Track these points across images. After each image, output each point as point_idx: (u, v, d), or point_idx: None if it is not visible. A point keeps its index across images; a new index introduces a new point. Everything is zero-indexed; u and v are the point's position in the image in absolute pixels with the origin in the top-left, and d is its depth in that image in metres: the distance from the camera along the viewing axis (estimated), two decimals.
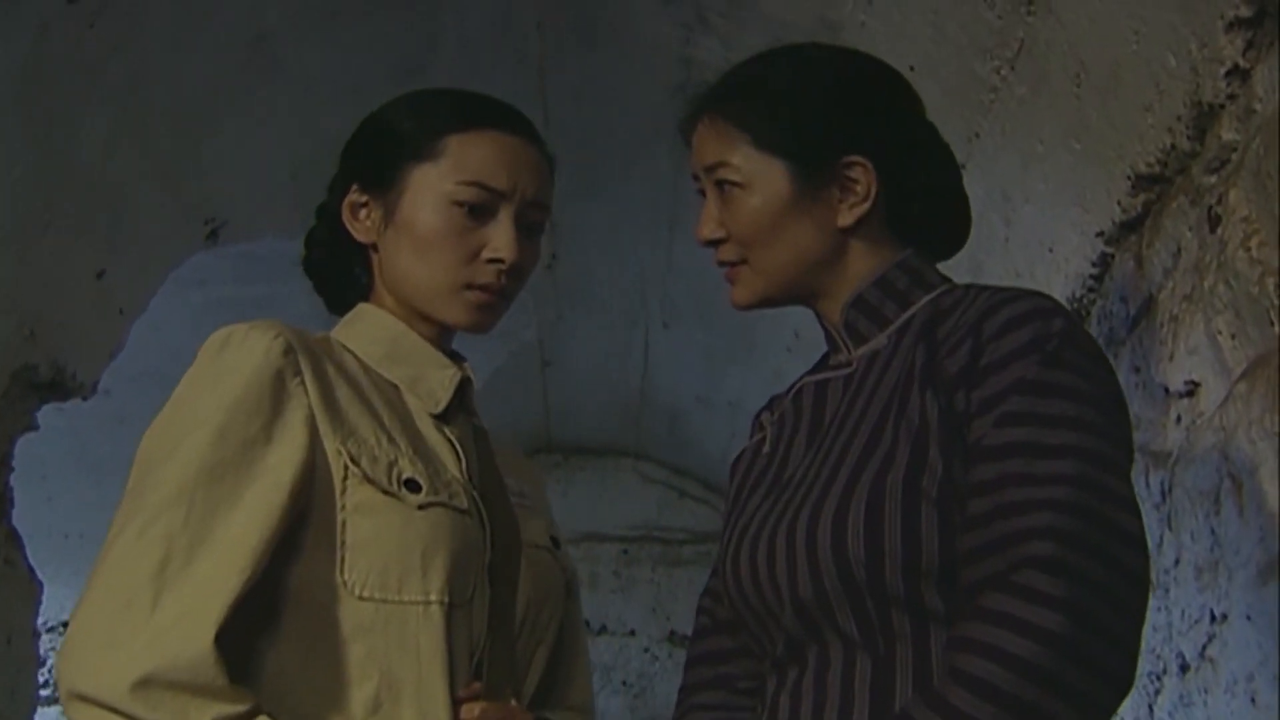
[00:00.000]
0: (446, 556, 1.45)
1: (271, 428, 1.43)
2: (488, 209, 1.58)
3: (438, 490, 1.48)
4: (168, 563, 1.36)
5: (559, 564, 1.65)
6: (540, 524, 1.66)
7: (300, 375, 1.47)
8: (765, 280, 1.58)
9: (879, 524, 1.41)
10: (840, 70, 1.60)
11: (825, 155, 1.55)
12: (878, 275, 1.57)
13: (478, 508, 1.53)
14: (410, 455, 1.50)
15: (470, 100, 1.65)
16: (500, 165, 1.59)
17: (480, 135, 1.60)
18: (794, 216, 1.55)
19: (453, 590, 1.46)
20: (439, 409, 1.59)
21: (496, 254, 1.57)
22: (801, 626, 1.47)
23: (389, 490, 1.45)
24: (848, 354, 1.58)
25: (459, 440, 1.57)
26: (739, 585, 1.53)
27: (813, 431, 1.57)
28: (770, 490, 1.56)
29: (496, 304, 1.60)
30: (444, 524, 1.47)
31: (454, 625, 1.45)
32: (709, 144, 1.59)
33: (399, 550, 1.44)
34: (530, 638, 1.58)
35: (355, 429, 1.48)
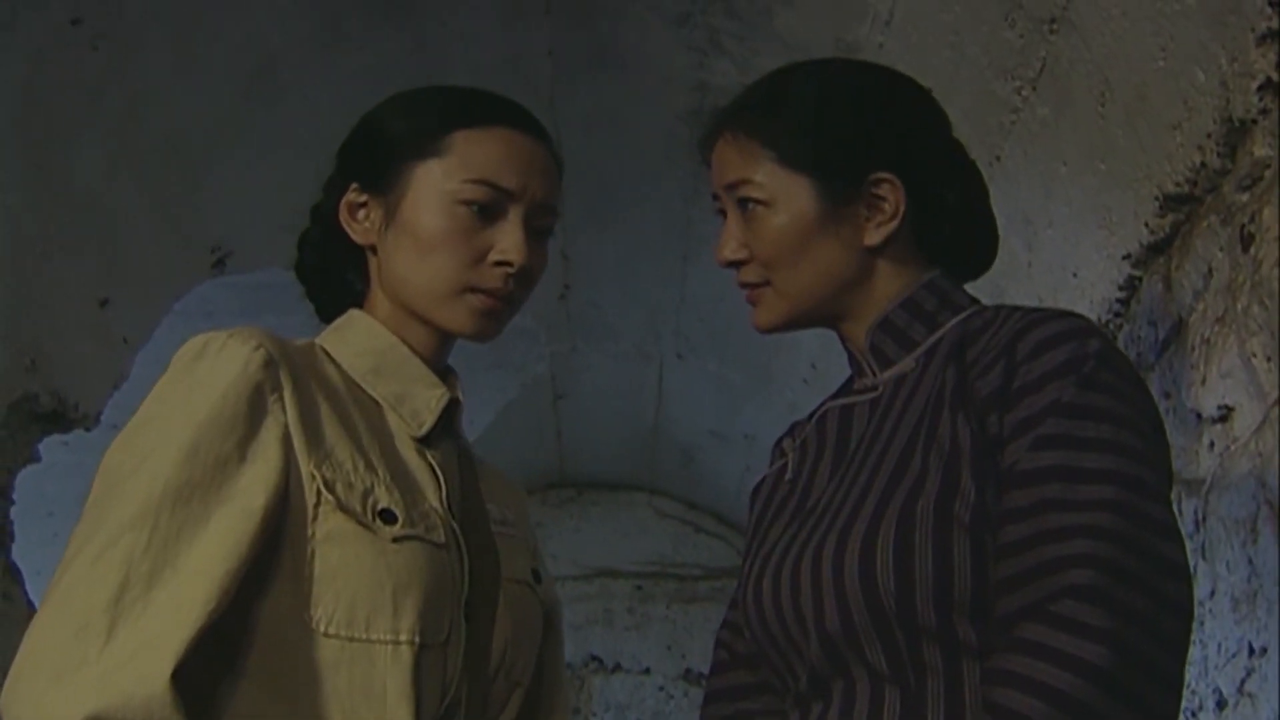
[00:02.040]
0: (420, 594, 1.36)
1: (246, 446, 1.34)
2: (495, 209, 1.50)
3: (414, 522, 1.39)
4: (125, 590, 1.25)
5: (538, 599, 1.56)
6: (523, 557, 1.57)
7: (279, 391, 1.37)
8: (789, 302, 1.53)
9: (909, 552, 1.36)
10: (866, 85, 1.57)
11: (853, 172, 1.51)
12: (905, 296, 1.53)
13: (457, 541, 1.44)
14: (388, 483, 1.41)
15: (478, 96, 1.57)
16: (509, 164, 1.51)
17: (489, 132, 1.52)
18: (820, 235, 1.50)
19: (425, 630, 1.36)
20: (422, 432, 1.49)
21: (504, 256, 1.49)
22: (826, 659, 1.42)
23: (362, 521, 1.36)
24: (873, 377, 1.54)
25: (441, 466, 1.48)
26: (761, 616, 1.48)
27: (838, 457, 1.52)
28: (793, 518, 1.51)
29: (501, 310, 1.51)
30: (419, 559, 1.37)
31: (424, 667, 1.36)
32: (731, 161, 1.54)
33: (369, 586, 1.34)
34: (506, 680, 1.49)
35: (332, 451, 1.38)
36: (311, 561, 1.34)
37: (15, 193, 2.56)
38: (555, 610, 1.62)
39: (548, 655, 1.59)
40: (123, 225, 2.90)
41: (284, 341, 1.44)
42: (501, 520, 1.56)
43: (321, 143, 3.20)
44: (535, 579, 1.56)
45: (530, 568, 1.56)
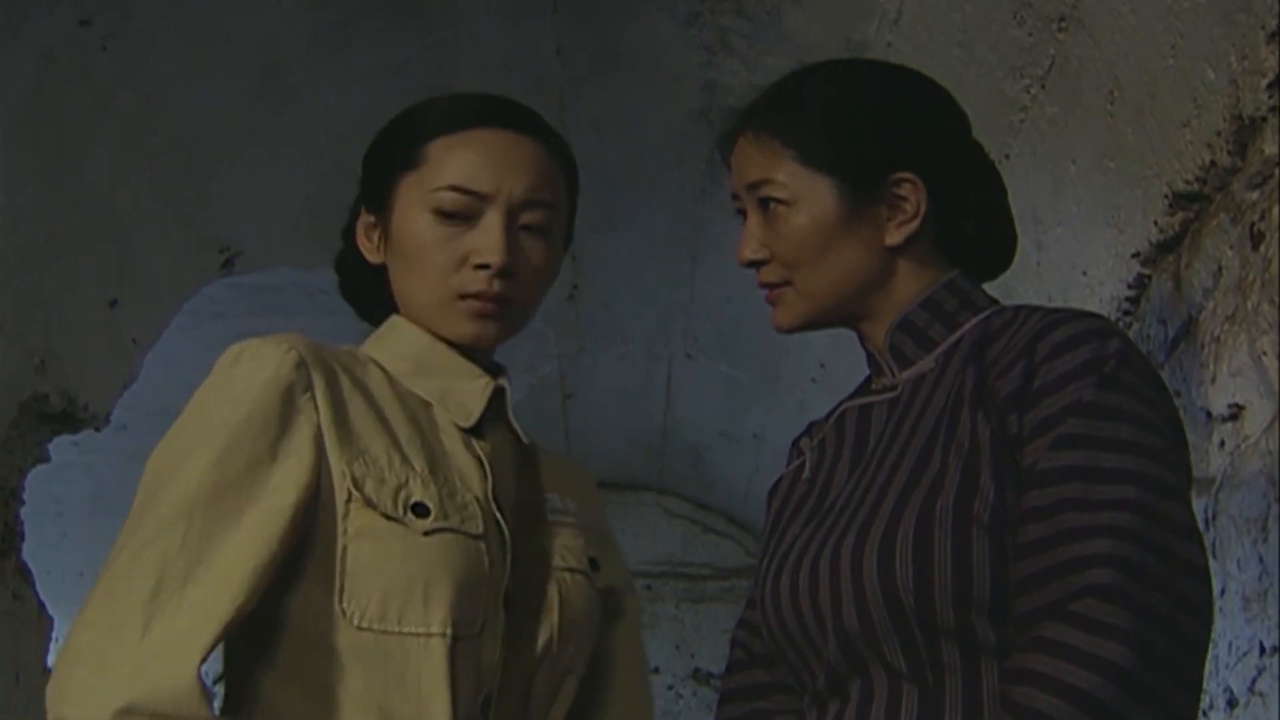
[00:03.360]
0: (451, 586, 1.38)
1: (277, 446, 1.38)
2: (473, 213, 1.49)
3: (448, 514, 1.41)
4: (161, 587, 1.31)
5: (595, 587, 1.54)
6: (578, 544, 1.55)
7: (311, 390, 1.41)
8: (810, 302, 1.53)
9: (928, 551, 1.36)
10: (888, 85, 1.57)
11: (875, 171, 1.50)
12: (924, 296, 1.52)
13: (500, 530, 1.46)
14: (425, 477, 1.43)
15: (461, 101, 1.57)
16: (482, 165, 1.50)
17: (463, 136, 1.51)
18: (841, 235, 1.50)
19: (458, 622, 1.38)
20: (470, 422, 1.51)
21: (481, 258, 1.48)
22: (845, 658, 1.42)
23: (392, 515, 1.39)
24: (892, 377, 1.54)
25: (489, 456, 1.50)
26: (779, 615, 1.48)
27: (856, 456, 1.52)
28: (811, 517, 1.51)
29: (495, 312, 1.50)
30: (451, 551, 1.40)
31: (458, 659, 1.38)
32: (752, 161, 1.54)
33: (400, 579, 1.38)
34: (554, 668, 1.49)
35: (366, 449, 1.42)
36: (344, 557, 1.37)
37: (25, 193, 2.56)
38: (623, 598, 1.61)
39: (615, 643, 1.59)
40: (132, 226, 2.91)
41: (320, 346, 1.47)
42: (561, 509, 1.56)
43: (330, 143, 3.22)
44: (593, 566, 1.55)
45: (588, 555, 1.55)
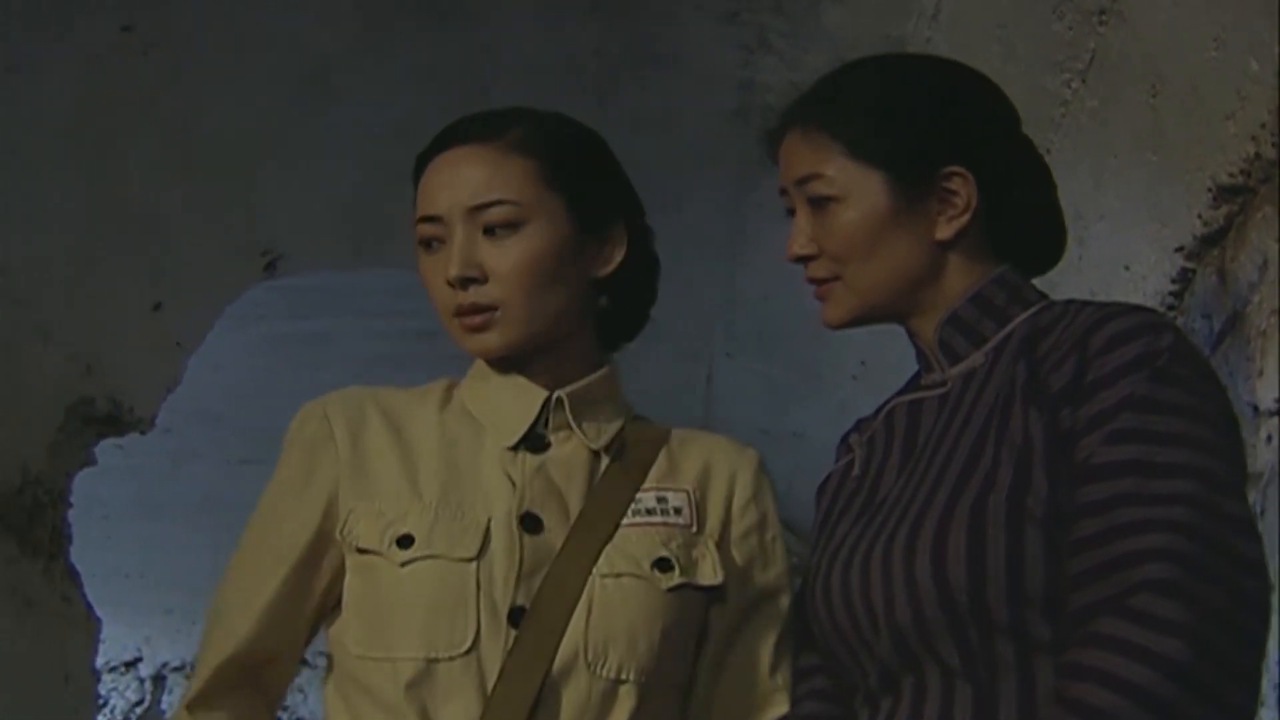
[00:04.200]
0: (423, 612, 1.46)
1: (300, 499, 1.53)
2: (443, 237, 1.52)
3: (434, 542, 1.47)
4: (212, 624, 1.55)
5: (656, 589, 1.51)
6: (648, 545, 1.52)
7: (333, 443, 1.53)
8: (859, 298, 1.52)
9: (981, 546, 1.36)
10: (937, 78, 1.56)
11: (925, 165, 1.49)
12: (974, 291, 1.51)
13: (520, 548, 1.49)
14: (431, 506, 1.50)
15: (438, 134, 1.58)
16: (434, 190, 1.53)
17: (429, 167, 1.55)
18: (891, 230, 1.49)
19: (433, 645, 1.45)
20: (512, 440, 1.54)
21: (446, 276, 1.51)
22: (897, 655, 1.41)
23: (374, 550, 1.49)
24: (942, 373, 1.53)
25: (531, 472, 1.53)
26: (830, 612, 1.47)
27: (906, 453, 1.51)
28: (862, 514, 1.50)
29: (483, 322, 1.51)
30: (426, 578, 1.46)
31: (434, 682, 1.45)
32: (800, 156, 1.53)
33: (379, 608, 1.48)
34: (593, 677, 1.48)
35: (375, 488, 1.52)
36: (347, 591, 1.51)
37: (70, 199, 2.59)
38: (728, 602, 1.56)
39: (720, 650, 1.56)
40: (175, 230, 2.93)
41: (368, 392, 1.58)
42: (652, 509, 1.55)
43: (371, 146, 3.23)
44: (663, 567, 1.52)
45: (659, 556, 1.52)
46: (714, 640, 1.56)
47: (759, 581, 1.58)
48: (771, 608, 1.58)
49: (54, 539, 2.82)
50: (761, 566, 1.59)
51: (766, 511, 1.61)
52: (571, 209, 1.54)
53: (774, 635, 1.57)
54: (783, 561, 1.60)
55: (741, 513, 1.59)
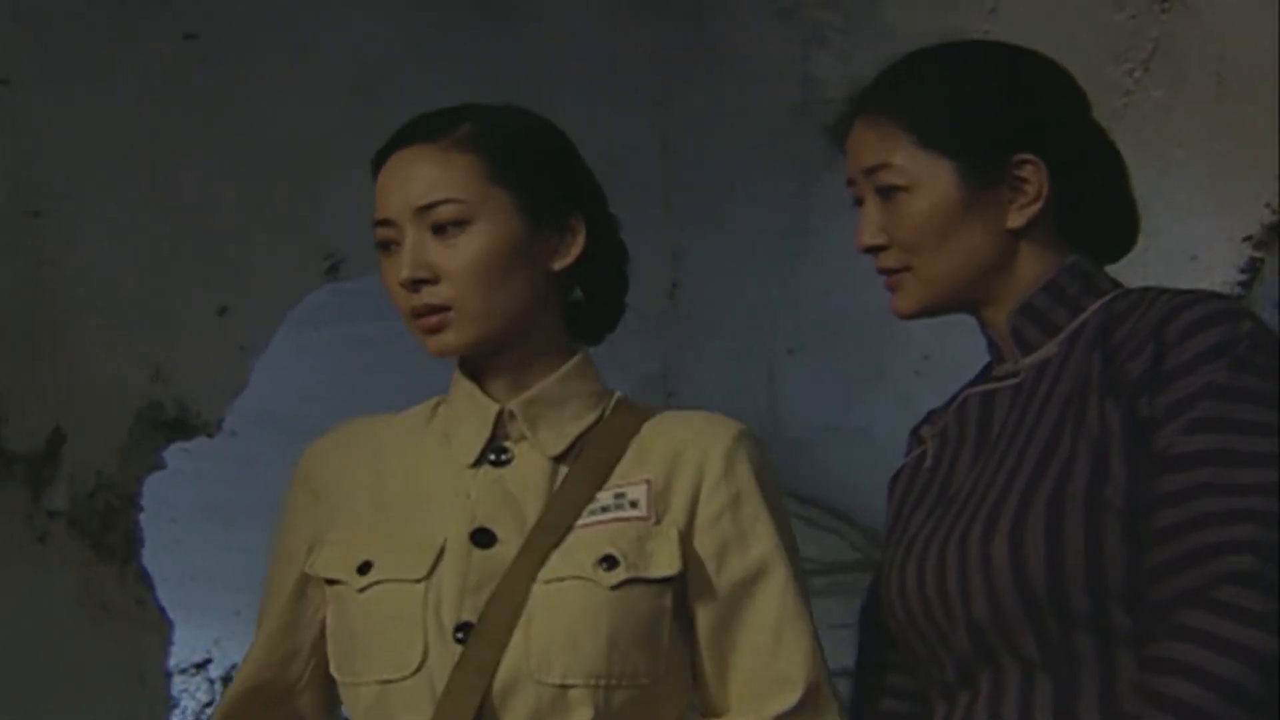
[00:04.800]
0: (378, 635, 1.47)
1: (291, 536, 1.57)
2: (397, 240, 1.50)
3: (386, 567, 1.48)
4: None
5: (601, 588, 1.45)
6: (597, 545, 1.47)
7: (313, 483, 1.56)
8: (930, 288, 1.50)
9: (1059, 538, 1.34)
10: (1007, 64, 1.53)
11: (995, 153, 1.47)
12: (1046, 280, 1.49)
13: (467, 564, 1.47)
14: (388, 530, 1.51)
15: (391, 136, 1.56)
16: (384, 194, 1.51)
17: (382, 171, 1.53)
18: (962, 219, 1.47)
19: (388, 666, 1.46)
20: (471, 458, 1.52)
21: (397, 279, 1.49)
22: (974, 648, 1.40)
23: (339, 579, 1.51)
24: (1015, 363, 1.51)
25: (482, 487, 1.50)
26: (905, 605, 1.46)
27: (979, 444, 1.49)
28: (935, 506, 1.49)
29: (438, 323, 1.48)
30: (382, 601, 1.48)
31: (389, 703, 1.46)
32: (868, 145, 1.51)
33: (344, 634, 1.50)
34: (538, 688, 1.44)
35: (345, 519, 1.54)
36: (327, 621, 1.54)
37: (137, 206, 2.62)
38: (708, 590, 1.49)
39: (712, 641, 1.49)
40: (239, 235, 2.96)
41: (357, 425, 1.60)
42: (605, 507, 1.49)
43: None
44: (610, 565, 1.45)
45: (605, 554, 1.46)
46: (703, 632, 1.50)
47: (739, 564, 1.49)
48: (760, 589, 1.49)
49: (127, 543, 2.86)
50: (740, 548, 1.50)
51: (742, 489, 1.51)
52: (521, 203, 1.50)
53: (769, 618, 1.49)
54: (768, 539, 1.50)
55: (711, 494, 1.50)
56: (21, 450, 2.51)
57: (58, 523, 2.76)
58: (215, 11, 2.69)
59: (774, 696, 1.48)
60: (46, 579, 2.71)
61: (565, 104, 3.43)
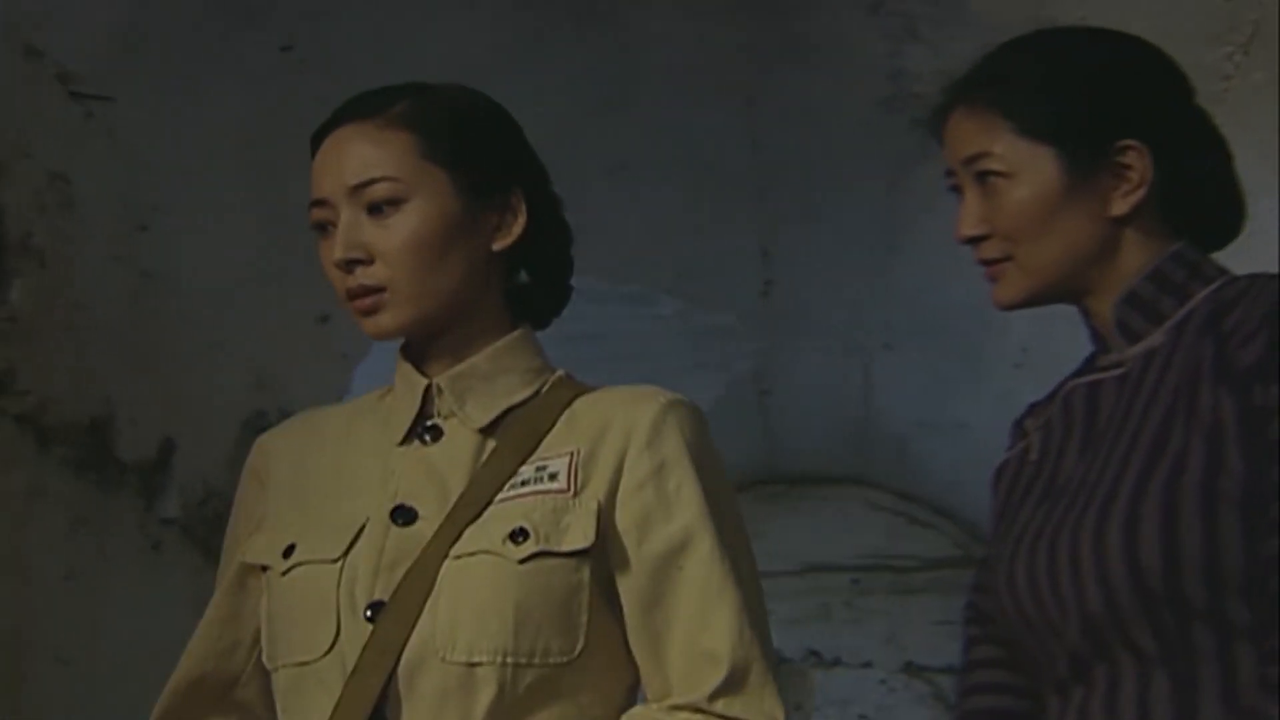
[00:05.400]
0: (296, 617, 1.45)
1: (236, 528, 1.57)
2: (333, 221, 1.46)
3: (307, 549, 1.46)
4: None
5: (509, 563, 1.40)
6: (508, 518, 1.42)
7: (264, 470, 1.55)
8: (1033, 278, 1.49)
9: (1175, 529, 1.32)
10: (1107, 50, 1.52)
11: (1097, 140, 1.45)
12: (1151, 268, 1.47)
13: (383, 541, 1.43)
14: (314, 513, 1.49)
15: (327, 117, 1.53)
16: (319, 174, 1.48)
17: (318, 152, 1.50)
18: (1064, 207, 1.46)
19: (304, 648, 1.44)
20: (400, 435, 1.49)
21: (334, 261, 1.46)
22: (1088, 643, 1.38)
23: (268, 565, 1.49)
24: (1120, 353, 1.49)
25: (406, 464, 1.47)
26: (1016, 600, 1.44)
27: (1086, 436, 1.48)
28: (1043, 499, 1.47)
29: (373, 304, 1.44)
30: (300, 583, 1.46)
31: (305, 685, 1.44)
32: (967, 134, 1.50)
33: (271, 619, 1.48)
34: (444, 667, 1.39)
35: (279, 506, 1.52)
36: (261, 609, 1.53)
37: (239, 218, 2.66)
38: (629, 563, 1.43)
39: (638, 616, 1.43)
40: None
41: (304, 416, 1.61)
42: (525, 481, 1.44)
43: None
44: (518, 538, 1.40)
45: (510, 530, 1.41)
46: (631, 610, 1.43)
47: (662, 535, 1.42)
48: (687, 561, 1.42)
49: None
50: (663, 518, 1.43)
51: (667, 458, 1.44)
52: (458, 181, 1.46)
53: (695, 591, 1.42)
54: (693, 508, 1.43)
55: (635, 463, 1.44)
56: (133, 460, 2.57)
57: (170, 530, 2.81)
58: (310, 22, 2.73)
59: (703, 674, 1.41)
60: (161, 585, 2.77)
61: (656, 103, 3.46)
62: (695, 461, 1.45)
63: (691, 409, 1.49)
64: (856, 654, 5.66)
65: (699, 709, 1.40)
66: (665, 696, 1.42)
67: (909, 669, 5.60)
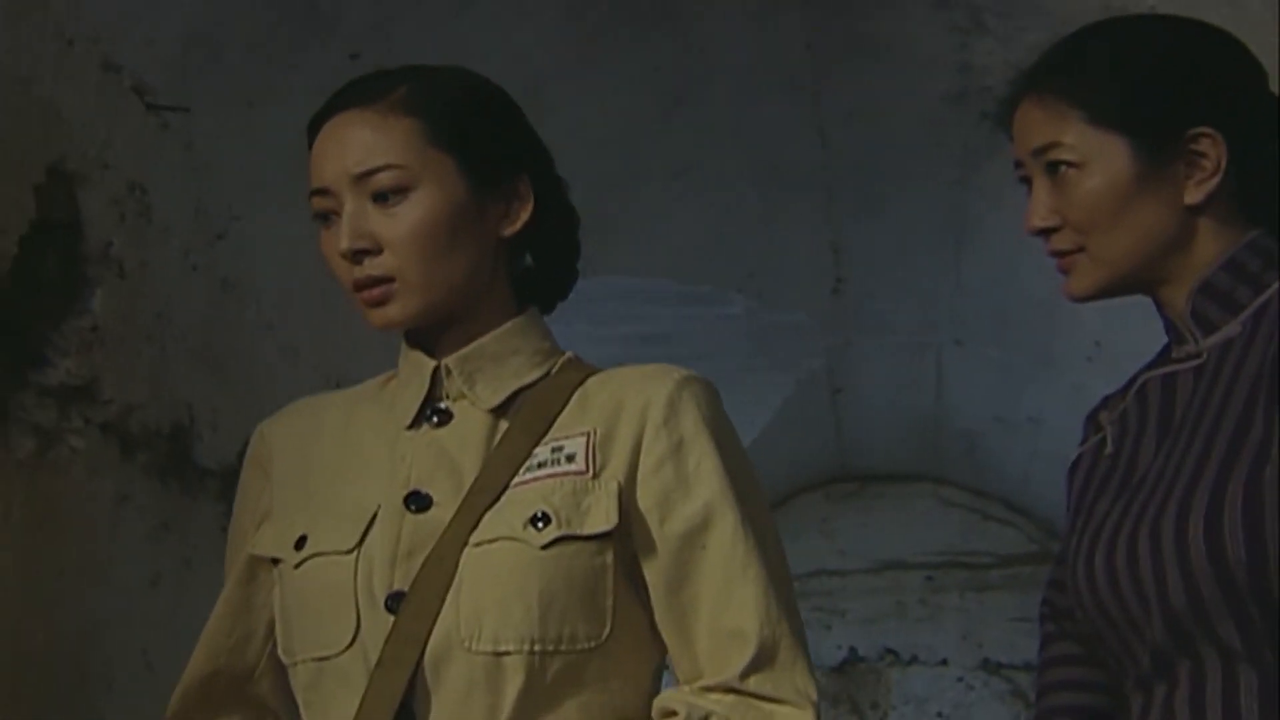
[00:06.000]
0: (312, 611, 1.42)
1: (241, 519, 1.54)
2: (336, 209, 1.42)
3: (319, 540, 1.43)
4: None
5: (531, 548, 1.37)
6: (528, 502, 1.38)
7: (266, 458, 1.52)
8: (1106, 268, 1.47)
9: (1259, 521, 1.30)
10: (1178, 37, 1.50)
11: (1170, 128, 1.44)
12: (1227, 257, 1.45)
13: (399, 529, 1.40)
14: (324, 502, 1.45)
15: (326, 101, 1.48)
16: (320, 161, 1.43)
17: (317, 139, 1.45)
18: (1138, 196, 1.44)
19: (321, 644, 1.41)
20: (408, 419, 1.45)
21: (338, 250, 1.42)
22: (1171, 638, 1.36)
23: (280, 558, 1.46)
24: (1195, 344, 1.47)
25: (417, 449, 1.43)
26: (1095, 595, 1.42)
27: (1163, 428, 1.46)
28: (1120, 492, 1.45)
29: (381, 295, 1.41)
30: (314, 576, 1.42)
31: (325, 681, 1.40)
32: (1037, 124, 1.48)
33: (285, 614, 1.45)
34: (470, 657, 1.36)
35: (287, 496, 1.49)
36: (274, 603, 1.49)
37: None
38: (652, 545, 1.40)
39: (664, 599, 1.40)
40: None
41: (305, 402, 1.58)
42: (542, 463, 1.41)
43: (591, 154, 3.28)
44: (541, 522, 1.37)
45: (531, 514, 1.38)
46: (656, 591, 1.40)
47: (684, 513, 1.39)
48: (710, 539, 1.39)
49: None
50: (684, 496, 1.40)
51: (684, 436, 1.41)
52: (464, 167, 1.43)
53: (719, 569, 1.39)
54: (714, 485, 1.40)
55: (653, 442, 1.41)
56: (213, 465, 2.60)
57: None
58: (377, 32, 2.76)
59: (731, 653, 1.37)
60: None
61: (722, 101, 3.46)
62: (714, 438, 1.42)
63: (705, 384, 1.45)
64: (933, 652, 5.64)
65: (731, 689, 1.37)
66: (695, 678, 1.39)
67: (986, 666, 5.57)
